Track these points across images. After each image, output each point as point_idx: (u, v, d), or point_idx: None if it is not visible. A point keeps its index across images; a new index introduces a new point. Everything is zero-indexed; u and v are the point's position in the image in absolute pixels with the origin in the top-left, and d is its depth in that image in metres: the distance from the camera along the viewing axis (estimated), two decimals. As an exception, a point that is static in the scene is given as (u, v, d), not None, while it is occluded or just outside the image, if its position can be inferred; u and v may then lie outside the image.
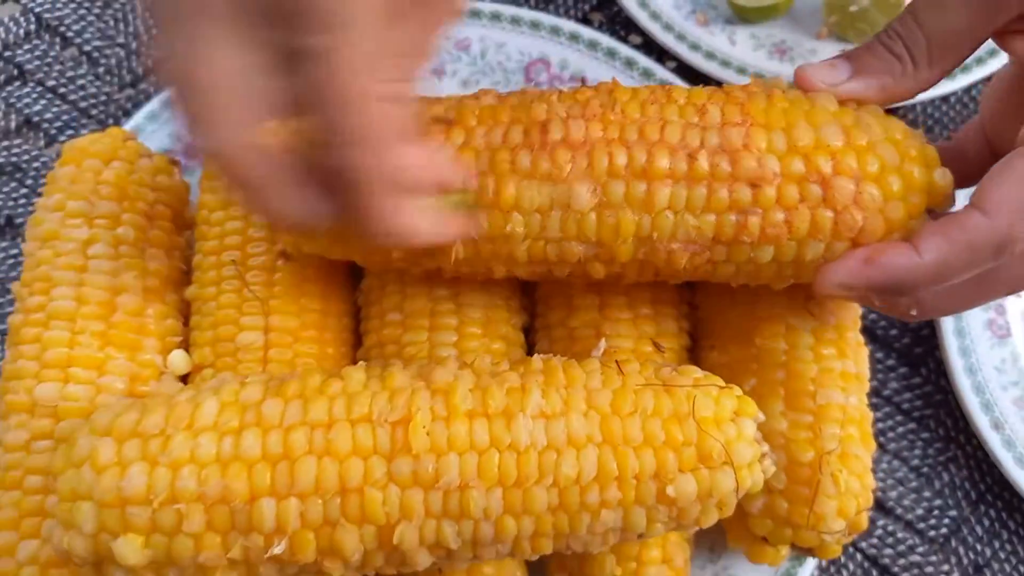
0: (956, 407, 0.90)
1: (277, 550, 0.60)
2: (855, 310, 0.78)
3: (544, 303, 0.81)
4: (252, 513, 0.59)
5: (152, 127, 0.93)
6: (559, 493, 0.61)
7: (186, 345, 0.79)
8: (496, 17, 0.98)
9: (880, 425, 0.91)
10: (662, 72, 0.94)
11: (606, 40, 0.96)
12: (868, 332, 0.93)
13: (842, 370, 0.74)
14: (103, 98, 1.00)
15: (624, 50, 0.95)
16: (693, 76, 0.98)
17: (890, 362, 0.93)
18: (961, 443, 0.90)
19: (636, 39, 1.03)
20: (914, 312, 0.66)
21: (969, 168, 0.69)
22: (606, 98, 0.67)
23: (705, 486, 0.62)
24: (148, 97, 0.99)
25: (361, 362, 0.67)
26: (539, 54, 0.97)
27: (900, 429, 0.91)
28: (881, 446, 0.90)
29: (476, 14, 0.98)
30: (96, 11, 1.04)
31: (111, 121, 0.99)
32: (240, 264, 0.78)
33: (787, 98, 0.66)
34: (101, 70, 1.01)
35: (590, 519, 0.62)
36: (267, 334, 0.76)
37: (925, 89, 0.65)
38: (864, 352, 0.77)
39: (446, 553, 0.62)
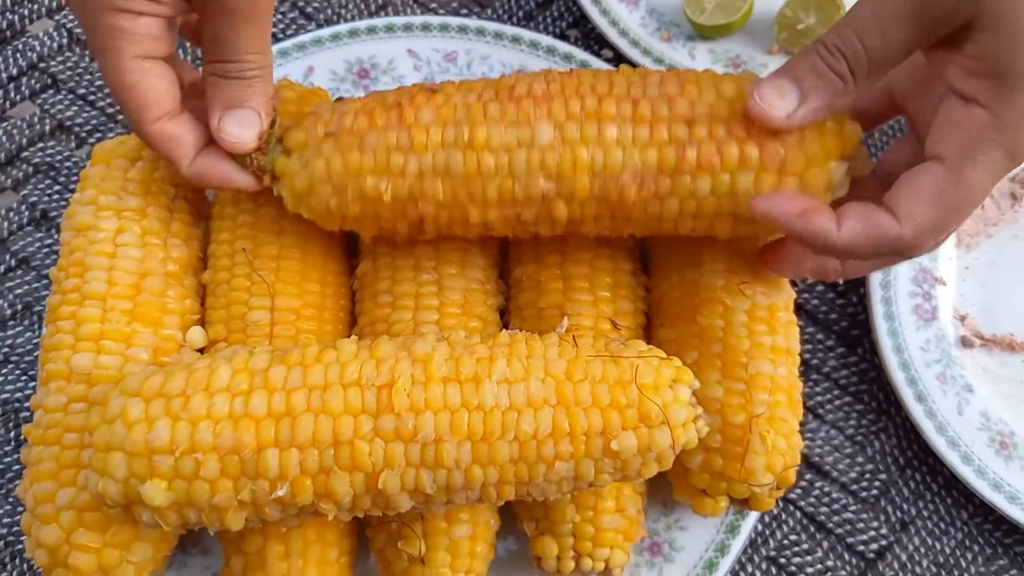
0: (887, 383, 1.01)
1: (280, 493, 0.71)
2: (787, 293, 0.89)
3: (517, 287, 0.92)
4: (259, 462, 0.70)
5: (171, 131, 1.04)
6: (519, 447, 0.71)
7: (202, 323, 0.90)
8: (481, 32, 1.09)
9: (819, 398, 1.01)
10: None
11: (580, 54, 1.07)
12: (810, 316, 1.04)
13: (772, 344, 0.84)
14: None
15: (596, 62, 1.06)
16: (657, 85, 1.09)
17: (829, 343, 1.04)
18: (891, 415, 1.01)
19: (608, 53, 1.14)
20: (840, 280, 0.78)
21: (872, 117, 0.80)
22: (567, 73, 0.81)
23: (645, 442, 0.72)
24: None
25: (353, 336, 0.78)
26: (519, 65, 1.08)
27: (837, 402, 1.02)
28: (819, 417, 1.01)
29: (463, 29, 1.09)
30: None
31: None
32: (250, 252, 0.89)
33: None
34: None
35: (546, 469, 0.72)
36: (273, 313, 0.87)
37: (864, 97, 0.76)
38: (794, 329, 0.88)
39: (424, 498, 0.73)
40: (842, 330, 1.04)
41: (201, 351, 0.89)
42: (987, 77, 0.66)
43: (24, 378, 1.02)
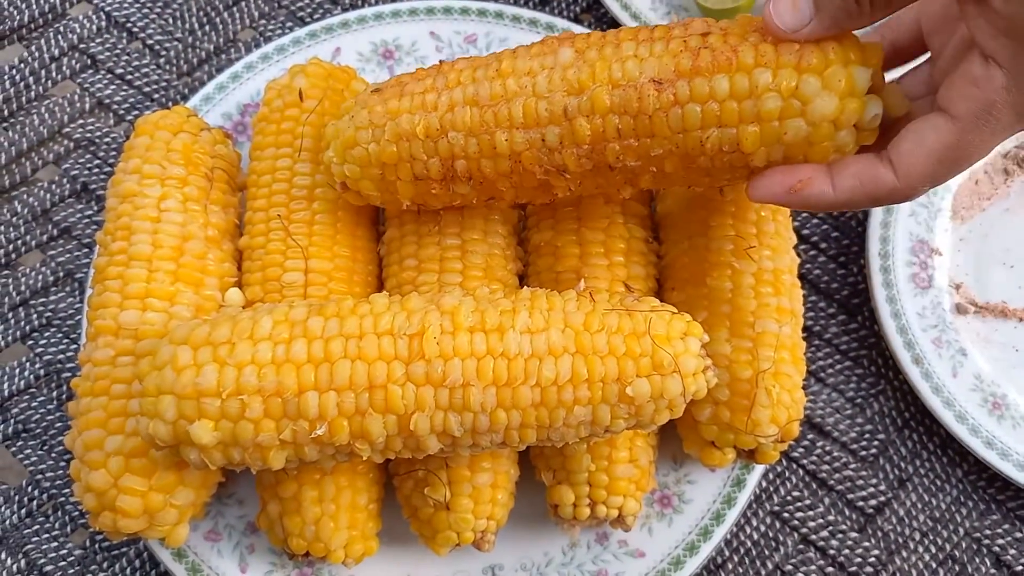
0: (885, 349, 1.06)
1: (319, 432, 0.76)
2: (791, 257, 0.94)
3: (535, 252, 0.98)
4: (299, 404, 0.76)
5: (207, 107, 1.10)
6: (541, 392, 0.76)
7: (240, 285, 0.96)
8: (500, 15, 1.14)
9: (821, 363, 1.07)
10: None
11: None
12: (813, 286, 1.10)
13: (777, 305, 0.90)
14: (163, 84, 1.17)
15: (608, 44, 1.11)
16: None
17: (831, 310, 1.09)
18: (889, 379, 1.07)
19: (620, 35, 1.19)
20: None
21: (899, 51, 0.78)
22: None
23: (657, 389, 0.77)
24: (202, 84, 1.16)
25: (384, 292, 0.84)
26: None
27: (838, 366, 1.07)
28: (821, 380, 1.06)
29: (483, 12, 1.14)
30: (158, 10, 1.21)
31: (170, 104, 1.16)
32: (285, 218, 0.94)
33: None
34: (162, 60, 1.18)
35: (565, 414, 0.77)
36: (307, 275, 0.92)
37: (876, 22, 0.72)
38: (798, 291, 0.93)
39: (451, 440, 0.79)
40: (843, 299, 1.10)
41: (238, 311, 0.94)
42: (1012, 37, 0.64)
43: (65, 341, 1.07)
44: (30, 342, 1.07)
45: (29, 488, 1.02)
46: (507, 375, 0.76)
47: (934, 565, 1.01)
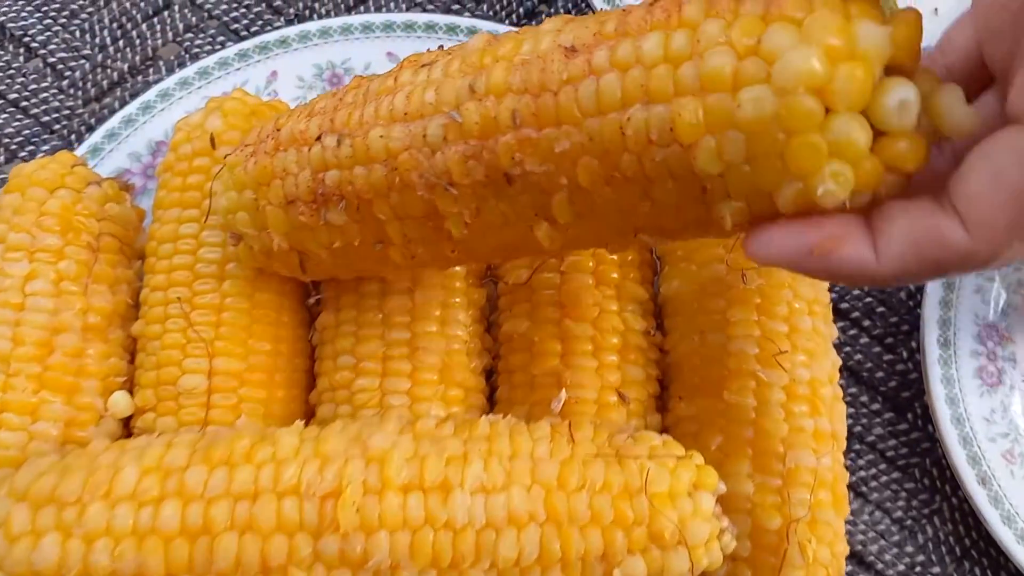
0: (942, 457, 0.86)
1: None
2: (832, 360, 0.74)
3: (507, 344, 0.78)
4: (168, 594, 0.56)
5: (110, 146, 0.90)
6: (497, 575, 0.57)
7: (131, 386, 0.76)
8: (472, 32, 0.93)
9: (862, 473, 0.86)
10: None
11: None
12: (853, 374, 0.89)
13: (815, 429, 0.70)
14: (66, 112, 0.97)
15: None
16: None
17: (875, 406, 0.89)
18: (947, 494, 0.86)
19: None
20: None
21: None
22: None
23: (656, 568, 0.58)
24: (112, 112, 0.95)
25: (298, 422, 0.64)
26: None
27: (883, 478, 0.87)
28: (862, 496, 0.86)
29: (453, 29, 0.94)
30: (62, 21, 1.00)
31: (73, 137, 0.95)
32: (187, 302, 0.74)
33: None
34: (65, 83, 0.98)
35: (531, 605, 0.58)
36: (211, 378, 0.73)
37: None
38: (841, 408, 0.73)
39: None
40: (890, 391, 0.89)
41: (128, 421, 0.75)
42: None
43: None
44: None
45: None
46: (452, 554, 0.58)
47: None
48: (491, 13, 1.01)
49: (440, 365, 0.74)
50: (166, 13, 1.01)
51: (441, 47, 0.65)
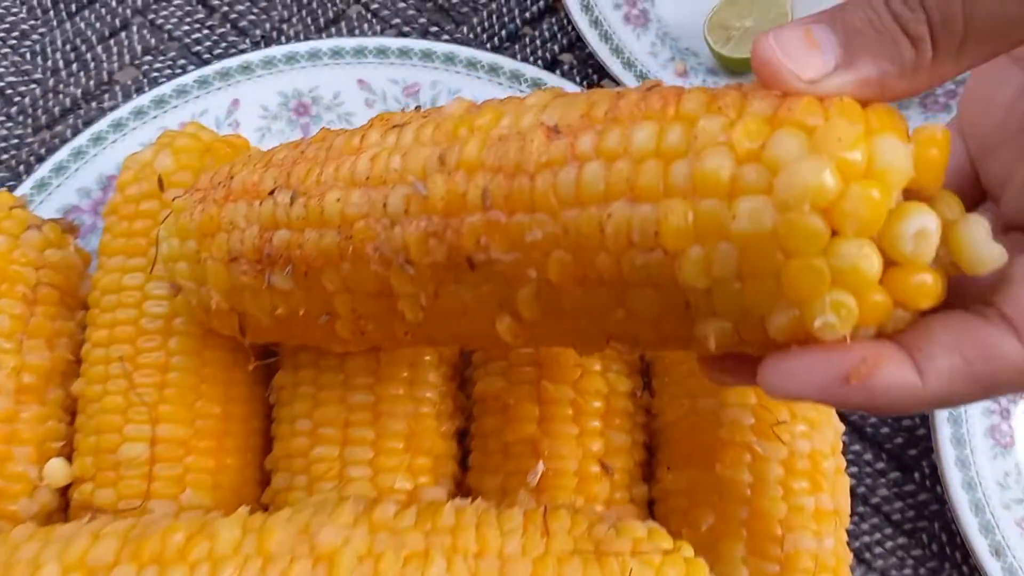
0: (952, 522, 0.79)
1: None
2: (834, 429, 0.68)
3: (481, 405, 0.71)
4: None
5: (58, 181, 0.83)
6: None
7: (70, 451, 0.70)
8: (450, 59, 0.87)
9: (866, 539, 0.80)
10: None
11: (573, 89, 0.85)
12: (856, 430, 0.83)
13: (815, 508, 0.64)
14: (15, 141, 0.90)
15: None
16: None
17: (880, 465, 0.82)
18: (957, 562, 0.80)
19: (610, 84, 0.92)
20: None
21: None
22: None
23: None
24: (64, 141, 0.88)
25: (241, 509, 0.57)
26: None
27: (889, 544, 0.80)
28: (866, 563, 0.80)
29: (428, 55, 0.87)
30: (11, 43, 0.93)
31: (22, 168, 0.89)
32: (129, 360, 0.68)
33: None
34: (14, 109, 0.91)
35: None
36: (154, 446, 0.66)
37: (936, 85, 0.46)
38: (844, 481, 0.67)
39: None
40: (896, 448, 0.83)
41: (66, 490, 0.68)
42: None
43: None
44: None
45: None
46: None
47: None
48: (471, 36, 0.95)
49: (407, 432, 0.68)
50: (123, 34, 0.94)
51: (418, 108, 0.59)
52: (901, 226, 0.40)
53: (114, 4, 0.95)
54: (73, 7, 0.95)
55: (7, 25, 0.94)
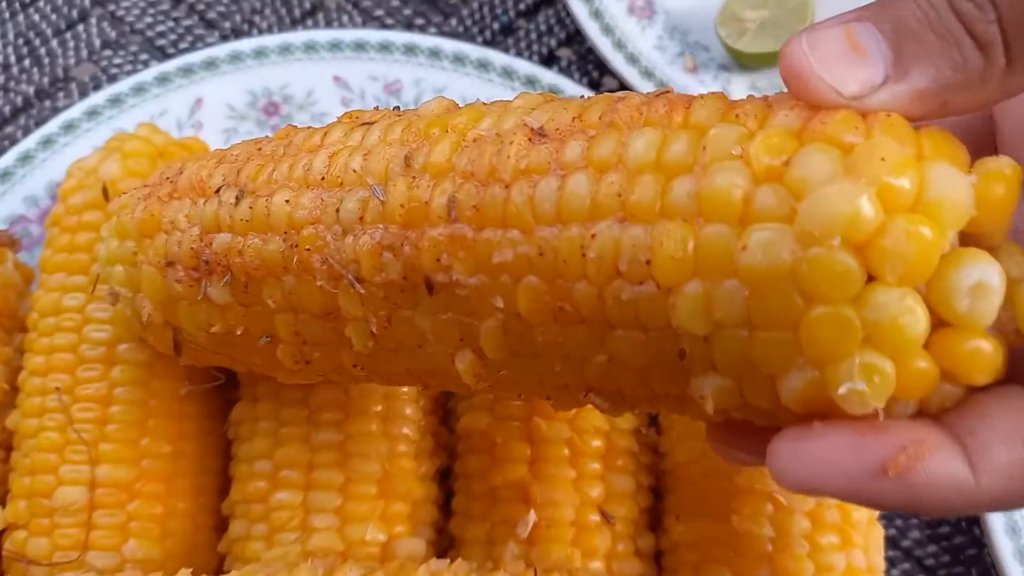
0: (992, 565, 0.72)
1: None
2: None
3: (465, 441, 0.64)
4: None
5: (3, 188, 0.76)
6: None
7: (4, 493, 0.62)
8: (435, 54, 0.79)
9: (897, 587, 0.72)
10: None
11: (570, 87, 0.77)
12: (885, 466, 0.75)
13: (847, 566, 0.57)
14: (-39, 144, 0.82)
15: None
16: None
17: (912, 505, 0.74)
18: (998, 614, 0.72)
19: (611, 83, 0.84)
20: None
21: None
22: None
23: None
24: (15, 143, 0.81)
25: (182, 572, 0.49)
26: (485, 100, 0.78)
27: (922, 593, 0.72)
28: (897, 614, 0.72)
29: (411, 50, 0.79)
30: (-42, 37, 0.86)
31: (-33, 173, 0.81)
32: (68, 392, 0.61)
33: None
34: (-39, 109, 0.83)
35: None
36: (93, 491, 0.59)
37: (1005, 99, 0.39)
38: (878, 533, 0.60)
39: None
40: (929, 486, 0.75)
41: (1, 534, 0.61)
42: None
43: None
44: None
45: None
46: None
47: None
48: (461, 30, 0.87)
49: (380, 474, 0.60)
50: (81, 27, 0.86)
51: (397, 108, 0.51)
52: (956, 276, 0.33)
53: (72, -6, 0.87)
54: (26, -3, 0.87)
55: (-46, 17, 0.86)
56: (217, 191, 0.50)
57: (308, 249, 0.45)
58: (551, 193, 0.38)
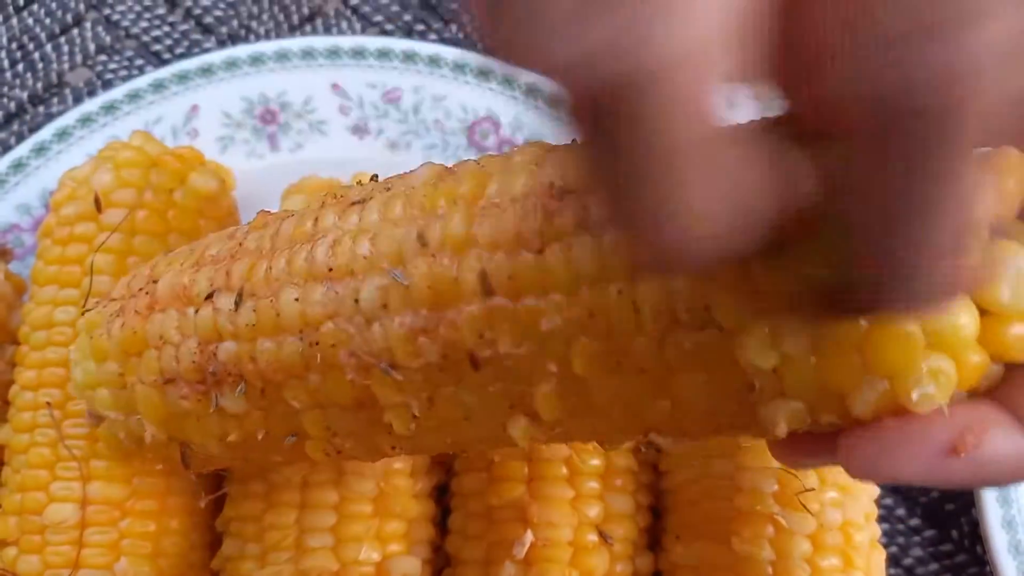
0: (995, 584, 0.71)
1: None
2: (868, 495, 0.59)
3: (462, 460, 0.63)
4: None
5: (-5, 195, 0.74)
6: None
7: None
8: (435, 62, 0.78)
9: (897, 606, 0.71)
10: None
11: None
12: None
13: (849, 588, 0.55)
14: (-47, 150, 0.81)
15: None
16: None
17: (914, 521, 0.74)
18: (1001, 634, 0.71)
19: (612, 90, 0.83)
20: None
21: None
22: None
23: None
24: (7, 148, 0.80)
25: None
26: (487, 111, 0.77)
27: (923, 612, 0.72)
28: (898, 634, 0.71)
29: (411, 57, 0.79)
30: (-50, 39, 0.85)
31: (-41, 179, 0.80)
32: (59, 407, 0.60)
33: None
34: (-48, 115, 0.83)
35: None
36: (84, 508, 0.58)
37: None
38: (879, 555, 0.59)
39: None
40: (931, 503, 0.74)
41: (-9, 553, 0.60)
42: None
43: None
44: None
45: None
46: None
47: None
48: (462, 35, 0.86)
49: (375, 493, 0.59)
50: (76, 32, 0.85)
51: (375, 177, 0.49)
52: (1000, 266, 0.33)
53: (67, -2, 0.86)
54: (21, 0, 0.86)
55: (-53, 20, 0.85)
56: (208, 297, 0.48)
57: (333, 345, 0.43)
58: (588, 252, 0.37)
